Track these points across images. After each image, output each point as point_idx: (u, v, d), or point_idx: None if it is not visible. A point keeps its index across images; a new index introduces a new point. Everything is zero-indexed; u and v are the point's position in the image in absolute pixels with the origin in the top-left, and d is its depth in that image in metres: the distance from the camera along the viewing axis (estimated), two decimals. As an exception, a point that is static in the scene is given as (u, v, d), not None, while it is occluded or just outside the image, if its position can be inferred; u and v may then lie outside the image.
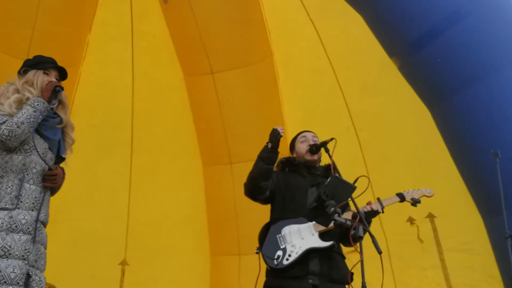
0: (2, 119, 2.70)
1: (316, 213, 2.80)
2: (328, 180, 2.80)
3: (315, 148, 3.33)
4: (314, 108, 5.60)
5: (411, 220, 5.07)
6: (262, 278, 3.35)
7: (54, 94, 2.88)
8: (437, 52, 4.20)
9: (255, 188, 3.27)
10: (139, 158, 6.07)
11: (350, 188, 2.77)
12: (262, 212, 4.81)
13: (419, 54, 4.35)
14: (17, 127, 2.65)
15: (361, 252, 2.69)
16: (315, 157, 3.38)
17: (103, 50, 5.80)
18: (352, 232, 2.70)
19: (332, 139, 3.21)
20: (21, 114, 2.71)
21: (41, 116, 2.74)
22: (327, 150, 3.24)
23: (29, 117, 2.69)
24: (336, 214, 2.66)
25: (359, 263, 2.66)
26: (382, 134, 5.21)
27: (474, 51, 4.09)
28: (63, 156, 2.90)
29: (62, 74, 3.05)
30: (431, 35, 4.19)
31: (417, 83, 4.58)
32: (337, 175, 2.82)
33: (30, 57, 5.42)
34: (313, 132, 3.53)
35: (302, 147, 3.44)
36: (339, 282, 3.03)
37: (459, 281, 4.73)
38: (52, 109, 2.93)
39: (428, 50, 4.25)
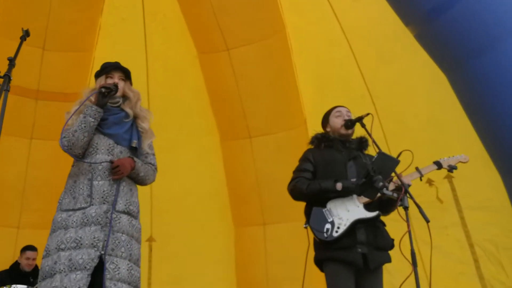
0: (64, 133, 2.93)
1: (364, 187, 2.96)
2: (375, 156, 2.95)
3: (350, 123, 3.46)
4: (328, 78, 5.70)
5: (429, 182, 5.26)
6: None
7: (101, 95, 3.00)
8: (454, 20, 4.29)
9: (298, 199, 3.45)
10: (157, 137, 6.12)
11: (395, 162, 2.93)
12: (285, 182, 4.99)
13: (436, 23, 4.42)
14: (72, 135, 2.90)
15: (407, 221, 2.87)
16: (350, 131, 3.51)
17: (115, 33, 5.82)
18: (399, 203, 2.87)
19: (368, 114, 3.34)
20: (75, 123, 2.93)
21: (92, 119, 2.91)
22: (363, 125, 3.37)
23: (80, 123, 2.93)
24: (385, 188, 2.83)
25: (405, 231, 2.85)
26: (398, 100, 5.34)
27: (491, 17, 4.18)
28: (133, 145, 3.05)
29: (127, 72, 3.23)
30: (448, 3, 4.27)
31: (434, 51, 4.69)
32: (382, 151, 2.97)
33: (47, 45, 5.45)
34: (346, 107, 3.64)
35: (337, 122, 3.54)
36: (384, 249, 3.24)
37: (479, 237, 4.98)
38: (119, 107, 3.12)
39: (445, 18, 4.33)
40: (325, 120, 3.67)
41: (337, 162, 3.41)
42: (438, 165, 3.35)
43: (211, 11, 5.35)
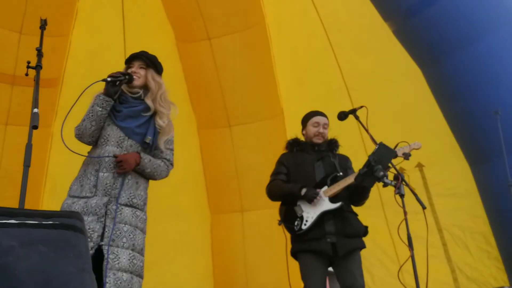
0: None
1: (364, 176, 3.14)
2: (376, 147, 3.14)
3: (343, 116, 3.63)
4: (306, 69, 5.84)
5: (401, 170, 5.53)
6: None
7: (110, 84, 3.00)
8: (432, 17, 4.53)
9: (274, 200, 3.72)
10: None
11: (393, 153, 3.13)
12: (264, 170, 5.12)
13: (415, 20, 4.65)
14: (81, 124, 2.98)
15: (403, 207, 3.09)
16: (322, 141, 3.75)
17: (92, 18, 5.72)
18: (396, 191, 3.08)
19: (362, 106, 3.52)
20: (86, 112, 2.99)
21: (99, 108, 2.94)
22: (356, 117, 3.55)
23: (88, 113, 2.99)
24: (385, 177, 3.02)
25: (402, 218, 3.07)
26: (373, 92, 5.54)
27: (469, 14, 4.45)
28: (146, 141, 3.02)
29: (149, 60, 3.23)
30: (428, 2, 4.50)
31: (411, 46, 4.92)
32: (382, 142, 3.15)
33: (24, 30, 5.35)
34: (326, 117, 3.81)
35: (312, 131, 3.77)
36: (353, 236, 3.49)
37: (447, 222, 5.29)
38: (140, 98, 3.09)
39: (424, 15, 4.56)
40: (304, 123, 3.89)
41: (306, 163, 3.69)
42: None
43: (194, -1, 5.36)
